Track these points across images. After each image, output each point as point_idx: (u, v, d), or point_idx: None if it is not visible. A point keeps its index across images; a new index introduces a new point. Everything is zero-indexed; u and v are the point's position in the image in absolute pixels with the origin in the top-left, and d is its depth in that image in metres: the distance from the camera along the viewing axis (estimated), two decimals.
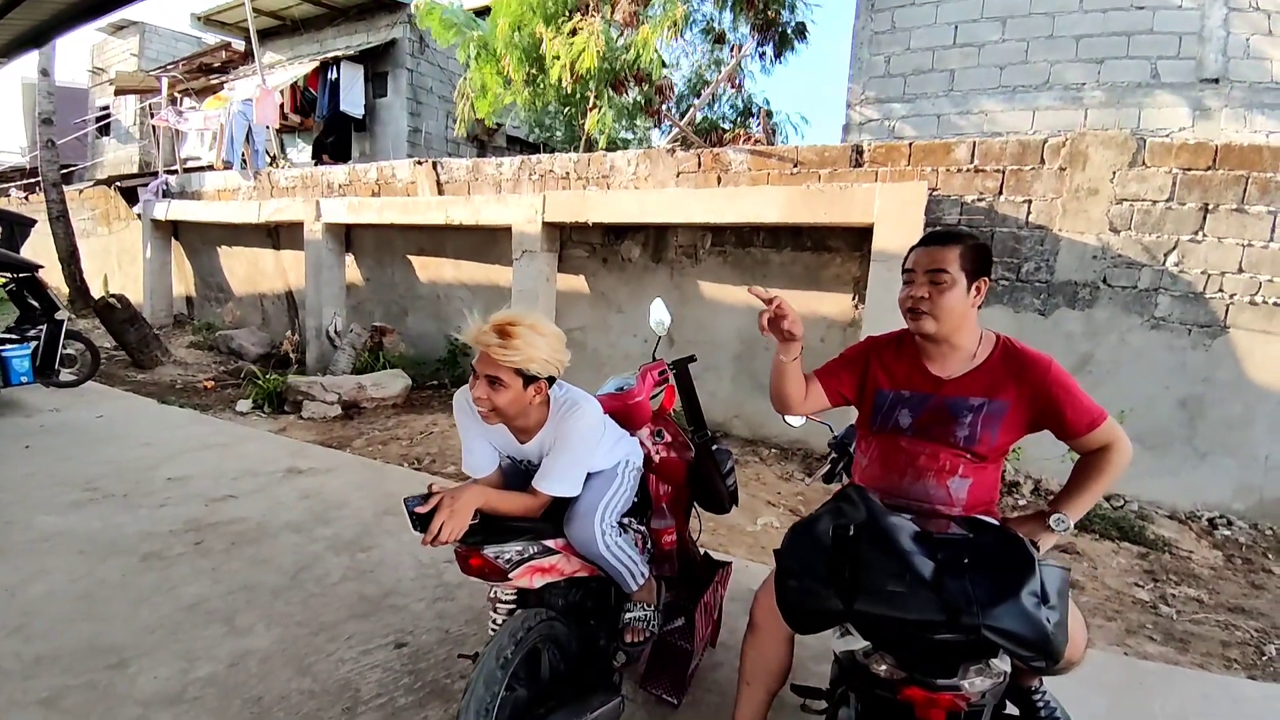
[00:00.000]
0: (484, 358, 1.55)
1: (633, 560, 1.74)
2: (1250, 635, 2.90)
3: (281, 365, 7.34)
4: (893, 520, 1.21)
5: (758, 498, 4.23)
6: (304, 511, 3.47)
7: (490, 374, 1.54)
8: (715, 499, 2.29)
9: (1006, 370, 1.51)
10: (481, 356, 1.55)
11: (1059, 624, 1.04)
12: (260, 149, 9.83)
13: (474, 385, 1.58)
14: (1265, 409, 3.99)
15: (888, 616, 1.09)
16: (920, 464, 1.53)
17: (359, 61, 11.15)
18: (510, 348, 1.51)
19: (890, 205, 4.30)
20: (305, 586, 2.71)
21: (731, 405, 5.50)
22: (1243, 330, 3.99)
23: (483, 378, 1.55)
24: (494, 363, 1.53)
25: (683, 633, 2.05)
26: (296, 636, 2.35)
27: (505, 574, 1.53)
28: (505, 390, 1.55)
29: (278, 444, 4.76)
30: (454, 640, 2.36)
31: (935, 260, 1.49)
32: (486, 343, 1.52)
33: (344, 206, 7.09)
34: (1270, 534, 3.98)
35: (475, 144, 12.14)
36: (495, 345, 1.51)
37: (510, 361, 1.52)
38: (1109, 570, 3.47)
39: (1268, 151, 3.87)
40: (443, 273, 7.06)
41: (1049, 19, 6.72)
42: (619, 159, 5.76)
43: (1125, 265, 4.16)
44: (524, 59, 6.74)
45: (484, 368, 1.55)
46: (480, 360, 1.56)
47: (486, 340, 1.52)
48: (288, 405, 5.73)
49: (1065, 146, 4.20)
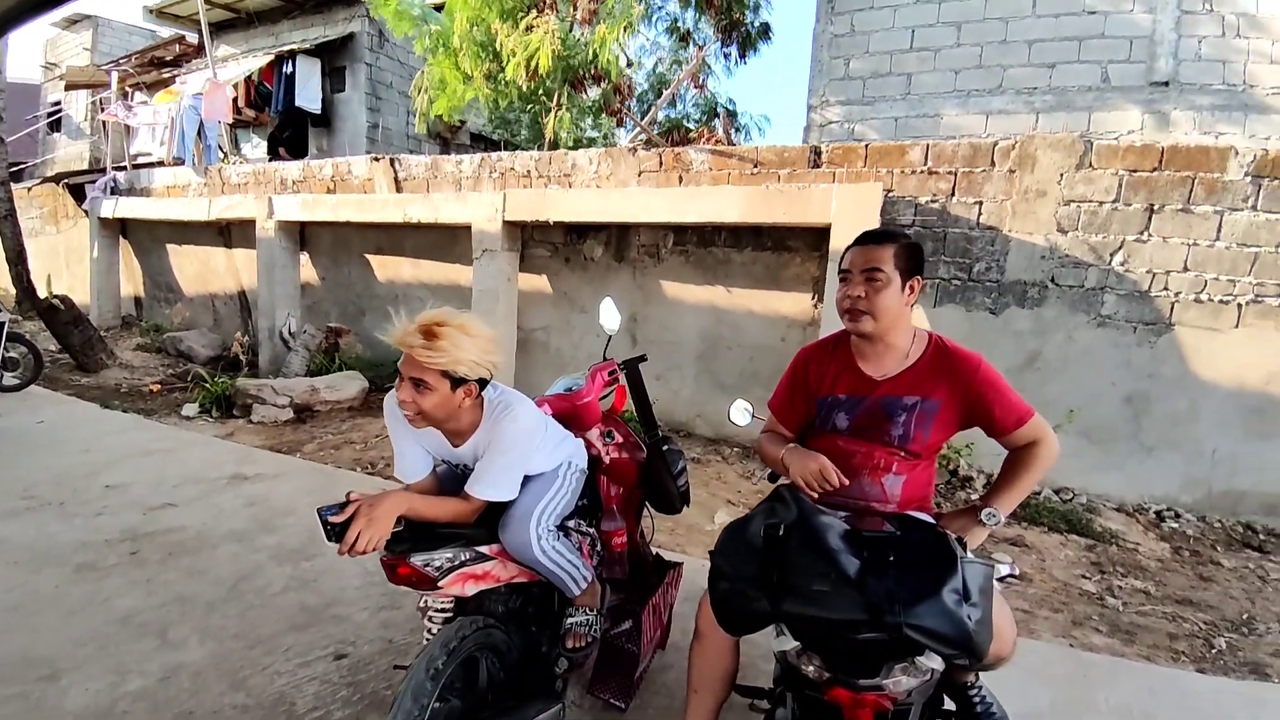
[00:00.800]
0: (409, 360, 1.49)
1: (573, 565, 1.70)
2: (1199, 628, 2.95)
3: (232, 368, 7.11)
4: (823, 519, 1.20)
5: (718, 496, 4.24)
6: (247, 519, 3.36)
7: (415, 376, 1.49)
8: (666, 499, 2.28)
9: (938, 369, 1.52)
10: (406, 358, 1.50)
11: (981, 621, 1.03)
12: (212, 144, 9.53)
13: (399, 388, 1.53)
14: (1210, 404, 4.12)
15: (813, 616, 1.08)
16: (855, 462, 1.54)
17: (316, 55, 10.87)
18: (435, 349, 1.45)
19: (847, 206, 4.34)
20: (244, 598, 2.62)
21: (694, 404, 5.49)
22: (1188, 328, 4.12)
23: (407, 380, 1.50)
24: (418, 365, 1.48)
25: (630, 636, 2.02)
26: (231, 650, 2.28)
27: (435, 582, 1.48)
28: (431, 393, 1.50)
29: (223, 449, 4.60)
30: (397, 650, 2.29)
31: (870, 259, 1.50)
32: (410, 344, 1.47)
33: (298, 204, 6.89)
34: (1218, 526, 4.09)
35: (438, 141, 11.95)
36: (420, 347, 1.46)
37: (435, 363, 1.46)
38: (1057, 562, 3.54)
39: (1215, 152, 3.99)
40: (401, 272, 6.92)
41: (1003, 24, 6.89)
42: (581, 157, 5.71)
43: (1073, 265, 4.27)
44: (481, 55, 6.63)
45: (408, 370, 1.50)
46: (405, 362, 1.50)
47: (410, 342, 1.46)
48: (236, 409, 5.54)
49: (1015, 149, 4.29)
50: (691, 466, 4.73)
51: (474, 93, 6.93)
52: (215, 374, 6.38)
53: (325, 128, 11.44)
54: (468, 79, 6.83)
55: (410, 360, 1.49)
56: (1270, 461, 4.04)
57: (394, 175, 6.65)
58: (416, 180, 6.55)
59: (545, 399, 2.15)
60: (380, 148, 10.89)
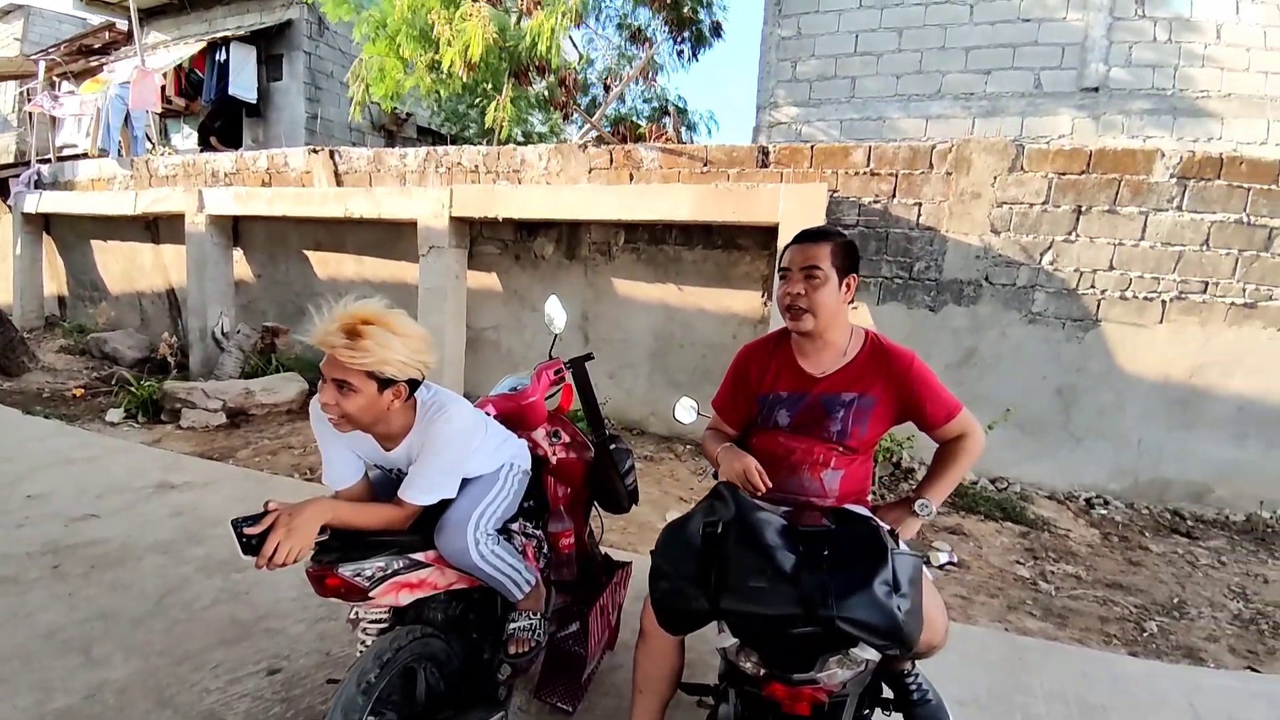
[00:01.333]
0: (331, 361, 1.41)
1: (514, 569, 1.66)
2: (1129, 611, 3.07)
3: (159, 370, 6.73)
4: (760, 515, 1.20)
5: (670, 494, 4.24)
6: (174, 530, 3.20)
7: (338, 378, 1.40)
8: (614, 499, 2.26)
9: (875, 366, 1.56)
10: (329, 359, 1.41)
11: (910, 611, 1.05)
12: (139, 135, 9.04)
13: (322, 390, 1.44)
14: (1135, 396, 4.35)
15: (750, 613, 1.08)
16: (795, 459, 1.57)
17: (251, 43, 10.40)
18: (359, 349, 1.37)
19: (794, 206, 4.41)
20: (170, 612, 2.50)
21: (647, 402, 5.49)
22: (1114, 323, 4.34)
23: (330, 382, 1.42)
24: (341, 366, 1.39)
25: (577, 638, 2.00)
26: (158, 666, 2.17)
27: (366, 593, 1.41)
28: (356, 395, 1.41)
29: (150, 457, 4.36)
30: (335, 663, 2.20)
31: (809, 257, 1.52)
32: (332, 344, 1.38)
33: (230, 197, 6.57)
34: (1146, 513, 4.32)
35: (383, 134, 11.61)
36: (342, 347, 1.37)
37: (360, 364, 1.38)
38: (992, 549, 3.69)
39: (1141, 155, 4.20)
40: (344, 269, 6.68)
41: (941, 30, 7.12)
42: (530, 153, 5.63)
43: (1005, 264, 4.45)
44: (420, 42, 6.41)
45: (331, 371, 1.41)
46: (328, 363, 1.42)
47: (332, 341, 1.37)
48: (164, 414, 5.25)
49: (951, 152, 4.44)
50: (645, 464, 4.74)
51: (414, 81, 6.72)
52: (142, 377, 6.03)
53: (260, 118, 10.96)
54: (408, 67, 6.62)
55: (333, 361, 1.40)
56: (1193, 450, 4.30)
57: (334, 168, 6.41)
58: (358, 174, 6.34)
59: (489, 399, 2.11)
60: (320, 140, 10.49)
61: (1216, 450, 4.26)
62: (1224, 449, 4.26)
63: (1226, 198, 4.07)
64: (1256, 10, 6.32)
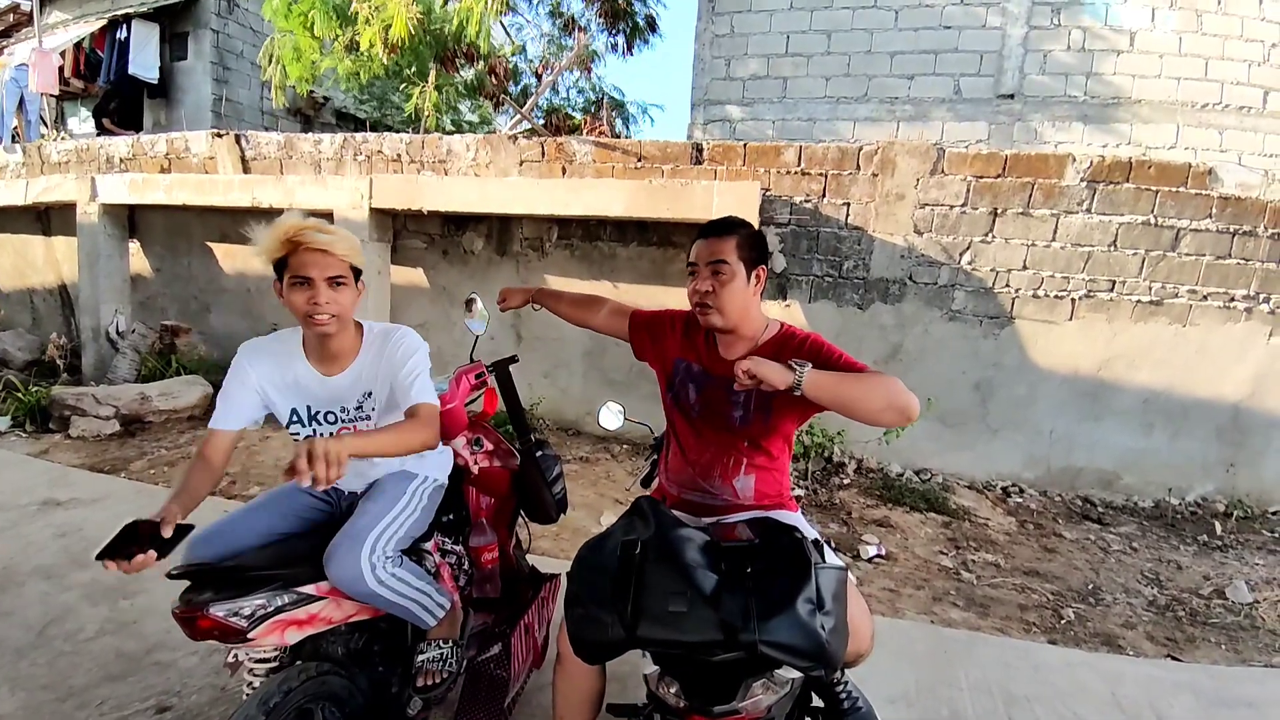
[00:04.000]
0: (317, 259, 1.37)
1: (422, 593, 1.53)
2: (1046, 599, 3.17)
3: (49, 374, 6.12)
4: (680, 533, 1.14)
5: (606, 496, 4.16)
6: (58, 553, 2.90)
7: (332, 275, 1.39)
8: (542, 508, 2.16)
9: (777, 350, 1.53)
10: (309, 259, 1.37)
11: (834, 630, 1.01)
12: (34, 119, 8.24)
13: (312, 294, 1.38)
14: (1046, 389, 4.57)
15: (669, 640, 1.01)
16: (707, 459, 1.55)
17: (154, 20, 9.60)
18: (340, 236, 1.38)
19: (728, 203, 4.39)
20: (54, 644, 2.28)
21: (583, 402, 5.39)
22: (1026, 320, 4.54)
23: (321, 282, 1.38)
24: (330, 260, 1.38)
25: (499, 661, 1.88)
26: (42, 702, 1.99)
27: (244, 634, 1.26)
28: (346, 289, 1.43)
29: (35, 470, 3.96)
30: (231, 699, 2.00)
31: (715, 252, 1.50)
32: (313, 238, 1.34)
33: (125, 185, 6.02)
34: (1058, 500, 4.55)
35: (299, 119, 10.94)
36: (330, 240, 1.36)
37: (345, 252, 1.40)
38: (918, 540, 3.79)
39: (1053, 160, 4.40)
40: (253, 263, 6.20)
41: (868, 35, 7.30)
42: (457, 143, 5.41)
43: (928, 264, 4.58)
44: (335, 20, 6.02)
45: (323, 270, 1.37)
46: (309, 264, 1.37)
47: (312, 236, 1.34)
48: (53, 421, 4.76)
49: (877, 154, 4.54)
50: (580, 466, 4.64)
51: (332, 63, 6.32)
52: (30, 381, 5.46)
53: (164, 99, 10.14)
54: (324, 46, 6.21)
55: (316, 259, 1.37)
56: (1102, 440, 4.56)
57: (240, 154, 5.96)
58: (268, 160, 5.92)
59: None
60: (230, 123, 9.80)
61: (1124, 440, 4.54)
62: (1131, 438, 4.53)
63: (1134, 200, 4.32)
64: (1172, 17, 6.67)
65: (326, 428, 1.54)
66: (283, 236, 1.36)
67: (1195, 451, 4.51)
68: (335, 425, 1.55)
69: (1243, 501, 4.46)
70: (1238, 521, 4.32)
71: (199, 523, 1.34)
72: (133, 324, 6.08)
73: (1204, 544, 4.01)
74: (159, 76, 9.84)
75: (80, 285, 6.41)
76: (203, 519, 1.35)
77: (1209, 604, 3.23)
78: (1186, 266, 4.35)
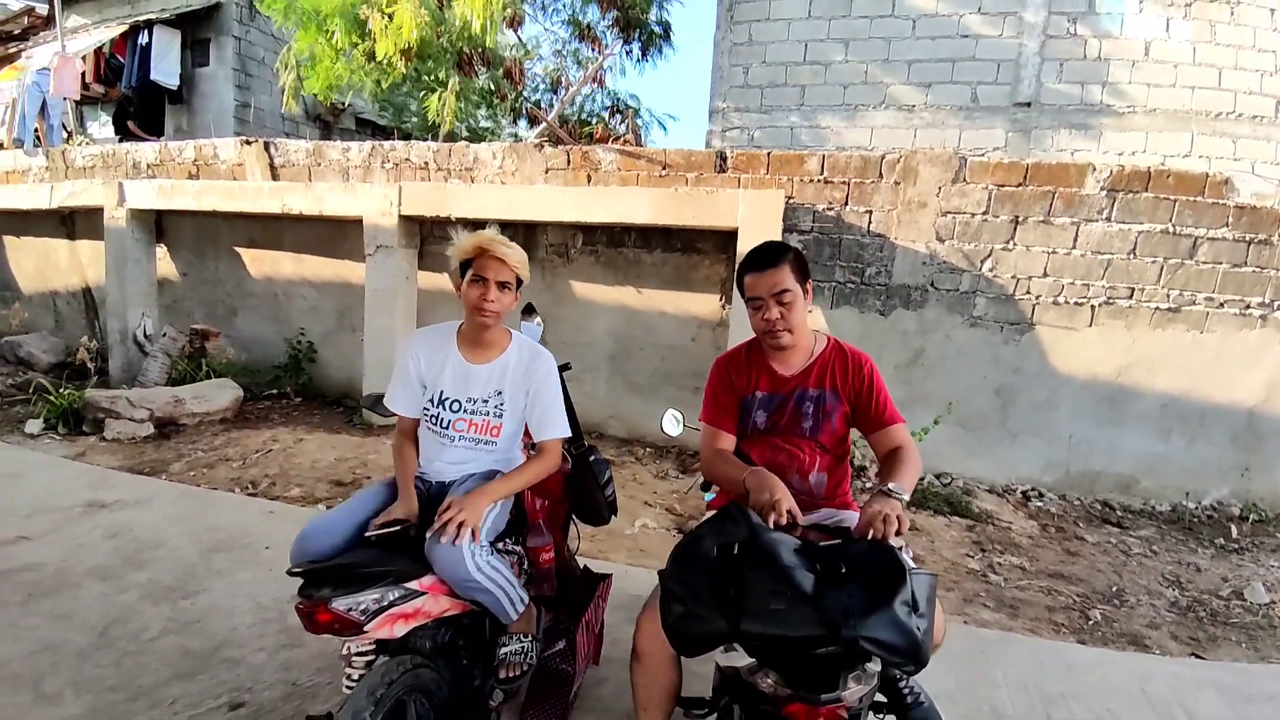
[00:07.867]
0: (493, 264, 1.68)
1: (510, 584, 1.62)
2: (1073, 600, 3.24)
3: (79, 376, 6.21)
4: (773, 536, 1.22)
5: (635, 498, 4.24)
6: (110, 553, 2.96)
7: (503, 280, 1.70)
8: (594, 511, 2.23)
9: (837, 364, 1.71)
10: (489, 264, 1.68)
11: (928, 631, 1.09)
12: (56, 124, 8.35)
13: (484, 291, 1.69)
14: (1066, 394, 4.65)
15: (772, 635, 1.09)
16: (782, 460, 1.68)
17: (176, 26, 9.72)
18: (516, 253, 1.69)
19: (752, 211, 4.49)
20: (117, 644, 2.32)
21: (608, 406, 5.47)
22: (1047, 327, 4.62)
23: (494, 283, 1.69)
24: (504, 267, 1.68)
25: (564, 656, 1.97)
26: (111, 703, 2.02)
27: (361, 627, 1.35)
28: (509, 293, 1.73)
29: (75, 472, 4.04)
30: (303, 694, 2.08)
31: (777, 283, 1.62)
32: (499, 250, 1.67)
33: (153, 190, 6.12)
34: (1078, 504, 4.62)
35: (318, 124, 11.05)
36: (509, 252, 1.68)
37: (517, 264, 1.70)
38: (944, 543, 3.86)
39: (1074, 169, 4.48)
40: (281, 268, 6.34)
41: (886, 44, 7.37)
42: (483, 151, 5.50)
43: (949, 270, 4.66)
44: (352, 29, 6.05)
45: (496, 273, 1.69)
46: (488, 268, 1.69)
47: (498, 248, 1.67)
48: (87, 424, 4.85)
49: (899, 163, 4.62)
50: None
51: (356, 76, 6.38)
52: (59, 384, 5.55)
53: (185, 105, 10.26)
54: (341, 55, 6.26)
55: (495, 264, 1.68)
56: (1120, 445, 4.63)
57: (269, 160, 6.06)
58: (296, 167, 6.02)
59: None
60: (251, 129, 9.90)
61: (1142, 444, 4.61)
62: (1149, 443, 4.60)
63: (1153, 209, 4.40)
64: (1186, 27, 6.74)
65: (449, 415, 1.78)
66: (476, 243, 1.68)
67: (1211, 456, 4.58)
68: (457, 414, 1.79)
69: (1257, 505, 4.52)
70: (1253, 525, 4.38)
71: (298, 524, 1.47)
72: (163, 327, 6.17)
73: (1221, 547, 4.08)
74: (179, 83, 9.95)
75: (108, 289, 6.51)
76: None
77: (1228, 605, 3.31)
78: (1204, 274, 4.42)
